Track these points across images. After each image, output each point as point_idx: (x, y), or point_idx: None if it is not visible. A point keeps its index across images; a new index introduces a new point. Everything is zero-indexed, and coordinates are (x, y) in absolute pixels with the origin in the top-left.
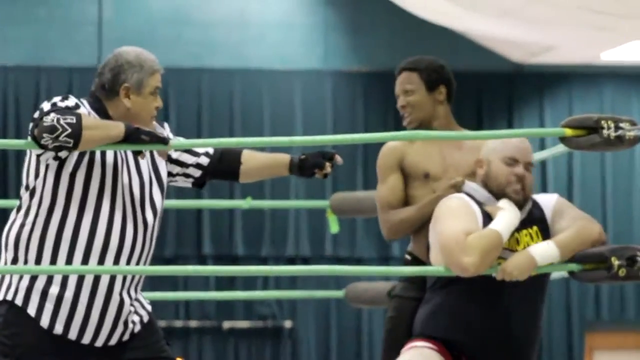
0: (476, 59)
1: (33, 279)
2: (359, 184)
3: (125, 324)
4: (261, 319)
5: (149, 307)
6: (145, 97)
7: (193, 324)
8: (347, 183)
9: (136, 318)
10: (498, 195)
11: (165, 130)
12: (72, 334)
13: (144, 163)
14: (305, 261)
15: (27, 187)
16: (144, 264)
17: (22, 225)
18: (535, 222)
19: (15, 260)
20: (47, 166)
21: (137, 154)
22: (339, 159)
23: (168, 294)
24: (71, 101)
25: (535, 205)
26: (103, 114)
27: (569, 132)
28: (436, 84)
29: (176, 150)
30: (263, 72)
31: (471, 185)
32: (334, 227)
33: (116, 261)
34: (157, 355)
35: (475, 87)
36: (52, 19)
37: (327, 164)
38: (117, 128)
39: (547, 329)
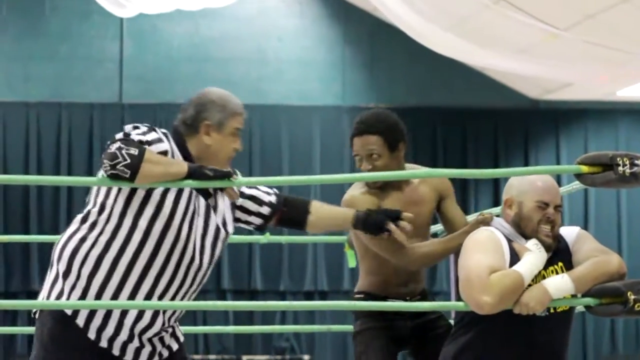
0: (493, 96)
1: (85, 291)
2: None
3: (153, 344)
4: (279, 352)
5: (182, 339)
6: (225, 136)
7: (212, 357)
8: None
9: (165, 345)
10: (528, 236)
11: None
12: (116, 350)
13: (215, 214)
14: (323, 295)
15: (95, 204)
16: (189, 299)
17: (83, 239)
18: (561, 257)
19: (67, 273)
20: (119, 189)
21: (206, 197)
22: (405, 224)
23: (187, 328)
24: (152, 135)
25: (560, 239)
26: (182, 148)
27: (584, 169)
28: (397, 143)
29: (241, 197)
30: (281, 108)
31: (499, 221)
32: (351, 261)
33: (163, 294)
34: None
35: (492, 124)
36: (74, 56)
37: (390, 223)
38: (180, 165)
39: None
